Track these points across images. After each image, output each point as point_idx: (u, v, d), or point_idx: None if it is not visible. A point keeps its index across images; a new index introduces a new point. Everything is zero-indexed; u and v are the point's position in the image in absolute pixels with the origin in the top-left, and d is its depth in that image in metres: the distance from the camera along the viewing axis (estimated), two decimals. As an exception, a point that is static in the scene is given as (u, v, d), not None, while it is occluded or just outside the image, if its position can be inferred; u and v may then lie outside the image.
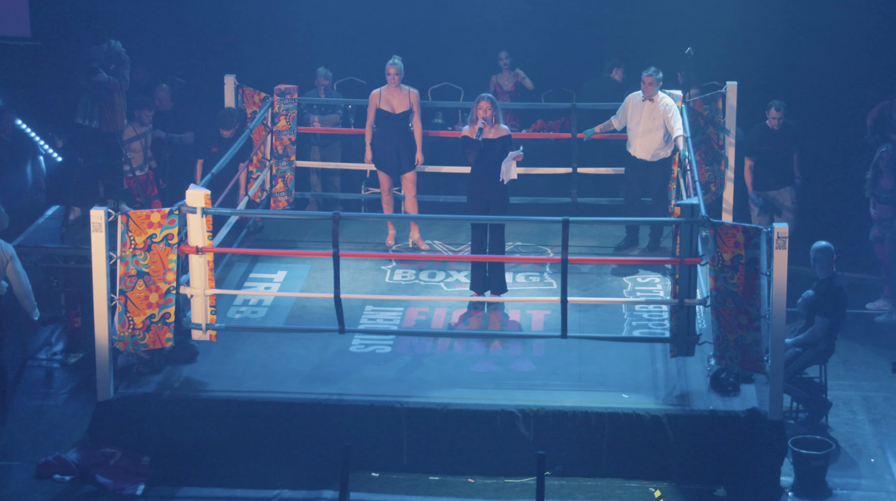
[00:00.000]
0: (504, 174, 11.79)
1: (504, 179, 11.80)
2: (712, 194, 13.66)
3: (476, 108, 11.83)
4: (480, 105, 11.81)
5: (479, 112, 11.81)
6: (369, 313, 11.98)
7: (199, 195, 10.62)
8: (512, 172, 11.82)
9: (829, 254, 11.11)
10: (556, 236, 10.91)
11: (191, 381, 10.88)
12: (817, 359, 11.10)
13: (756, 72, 15.39)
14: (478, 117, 11.81)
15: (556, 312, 10.81)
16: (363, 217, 13.75)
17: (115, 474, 10.40)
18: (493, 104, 11.83)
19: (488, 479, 10.49)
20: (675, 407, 10.53)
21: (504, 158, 11.74)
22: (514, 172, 11.84)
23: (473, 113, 11.85)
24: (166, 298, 10.55)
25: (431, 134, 14.16)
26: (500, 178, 11.77)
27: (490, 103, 11.81)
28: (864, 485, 10.46)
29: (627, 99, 13.10)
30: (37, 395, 11.83)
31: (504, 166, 11.76)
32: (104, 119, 12.62)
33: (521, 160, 11.85)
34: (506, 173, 11.80)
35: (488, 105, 11.79)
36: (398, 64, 13.02)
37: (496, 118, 11.85)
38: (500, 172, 11.77)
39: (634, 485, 10.28)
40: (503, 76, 15.65)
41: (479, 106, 11.81)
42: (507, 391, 10.75)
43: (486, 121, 11.78)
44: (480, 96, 11.90)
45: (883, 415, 11.43)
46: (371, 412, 10.53)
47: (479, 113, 11.81)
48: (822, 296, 11.04)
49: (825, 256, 11.11)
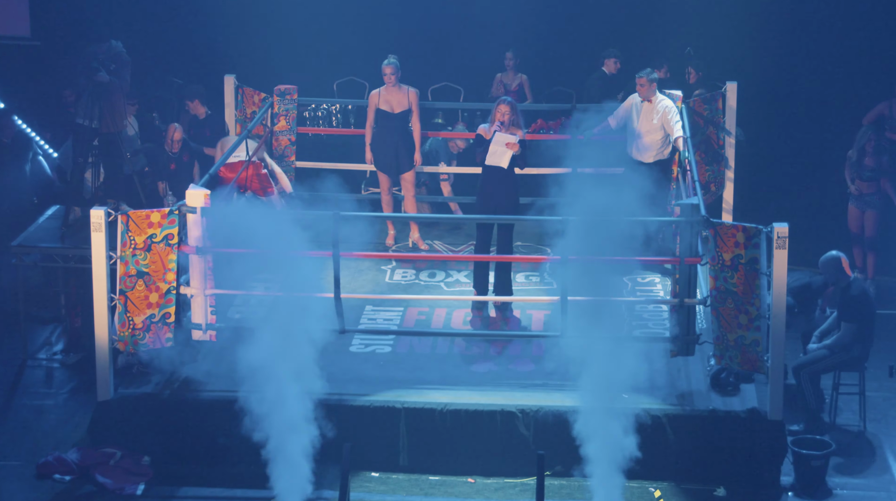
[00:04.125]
0: (490, 157, 11.77)
1: (489, 161, 11.77)
2: (712, 194, 13.66)
3: (495, 110, 11.89)
4: (500, 108, 11.86)
5: (497, 115, 11.84)
6: (369, 313, 11.98)
7: (200, 195, 10.62)
8: (501, 158, 11.78)
9: (834, 263, 11.12)
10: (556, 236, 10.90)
11: (191, 381, 10.88)
12: (849, 365, 11.11)
13: (756, 72, 15.39)
14: (496, 119, 11.83)
15: (556, 312, 10.81)
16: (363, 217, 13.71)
17: (115, 474, 10.40)
18: (513, 108, 11.88)
19: (488, 479, 10.49)
20: (675, 407, 10.53)
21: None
22: (504, 160, 11.80)
23: (493, 114, 11.91)
24: (166, 298, 10.55)
25: (431, 134, 14.17)
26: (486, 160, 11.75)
27: (510, 107, 11.86)
28: (864, 485, 10.46)
29: (627, 100, 13.10)
30: (37, 395, 11.83)
31: (492, 148, 11.76)
32: (104, 119, 12.62)
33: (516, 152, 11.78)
34: (491, 156, 11.77)
35: (507, 109, 11.85)
36: (394, 63, 13.01)
37: (514, 122, 11.87)
38: (487, 153, 11.77)
39: (634, 485, 10.28)
40: (508, 76, 15.65)
41: (499, 109, 11.87)
42: (507, 391, 10.75)
43: (503, 124, 11.79)
44: (501, 99, 12.01)
45: (883, 415, 11.43)
46: (371, 412, 10.54)
47: (497, 115, 11.85)
48: (844, 302, 11.05)
49: (827, 267, 11.14)
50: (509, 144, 11.74)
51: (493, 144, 11.78)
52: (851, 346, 11.03)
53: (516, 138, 11.78)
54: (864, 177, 13.67)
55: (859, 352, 11.07)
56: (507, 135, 11.77)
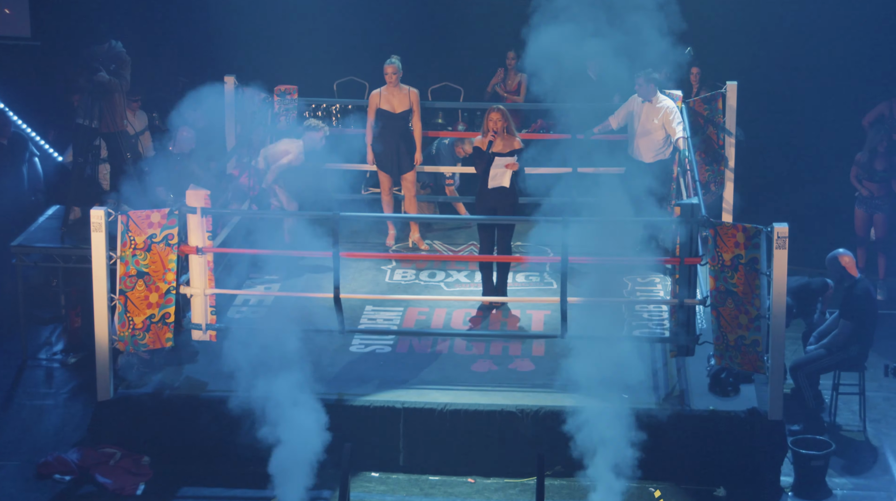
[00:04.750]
0: (492, 180, 11.70)
1: (491, 184, 11.71)
2: (712, 194, 13.66)
3: (487, 120, 11.68)
4: (491, 117, 11.63)
5: (489, 124, 11.66)
6: (369, 313, 11.98)
7: (200, 195, 10.63)
8: (503, 179, 11.74)
9: (840, 262, 11.13)
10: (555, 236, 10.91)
11: (191, 381, 10.88)
12: (847, 365, 11.10)
13: (756, 72, 15.39)
14: (489, 129, 11.71)
15: (556, 312, 10.81)
16: (363, 217, 13.73)
17: (115, 474, 10.41)
18: (504, 116, 11.64)
19: (488, 479, 10.50)
20: (675, 407, 10.53)
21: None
22: (506, 179, 11.75)
23: (484, 124, 11.73)
24: (166, 298, 10.55)
25: (431, 134, 14.16)
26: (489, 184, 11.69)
27: (501, 115, 11.62)
28: (864, 485, 10.46)
29: (629, 100, 13.10)
30: (37, 395, 11.83)
31: (493, 172, 11.68)
32: (104, 119, 12.62)
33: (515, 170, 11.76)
34: (493, 179, 11.70)
35: (499, 117, 11.62)
36: (396, 63, 13.01)
37: (507, 129, 11.72)
38: (489, 177, 11.70)
39: (634, 485, 10.28)
40: (508, 75, 15.64)
41: (490, 118, 11.63)
42: (507, 391, 10.76)
43: (497, 133, 11.66)
44: (491, 107, 11.77)
45: (883, 415, 11.43)
46: (371, 412, 10.54)
47: (489, 125, 11.66)
48: (847, 300, 11.05)
49: (833, 265, 11.16)
50: (509, 165, 11.67)
51: (493, 168, 11.68)
52: (849, 345, 11.02)
53: (514, 158, 11.70)
54: (876, 178, 13.72)
55: (857, 352, 11.06)
56: (505, 158, 11.66)
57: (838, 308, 11.20)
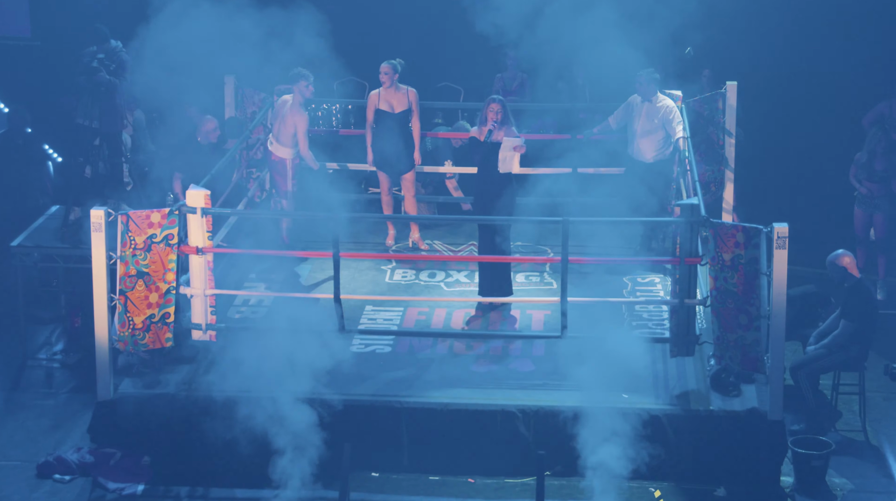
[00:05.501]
0: (502, 164, 11.65)
1: (501, 168, 11.66)
2: (712, 194, 13.66)
3: (486, 109, 11.68)
4: (491, 107, 11.63)
5: (489, 114, 11.67)
6: (369, 313, 11.98)
7: (200, 195, 10.63)
8: (512, 164, 11.67)
9: (841, 262, 11.12)
10: (555, 236, 10.91)
11: (191, 381, 10.88)
12: (847, 365, 11.11)
13: (756, 72, 15.38)
14: (488, 119, 11.71)
15: (556, 312, 10.81)
16: (363, 217, 13.73)
17: (115, 474, 10.41)
18: (503, 107, 11.66)
19: (488, 479, 10.50)
20: (675, 407, 10.53)
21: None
22: (515, 165, 11.69)
23: (483, 114, 11.73)
24: (166, 298, 10.55)
25: (430, 134, 14.16)
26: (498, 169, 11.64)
27: (500, 105, 11.62)
28: (864, 485, 10.46)
29: (628, 100, 13.09)
30: (37, 395, 11.83)
31: (502, 155, 11.62)
32: (104, 119, 12.62)
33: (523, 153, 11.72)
34: (503, 163, 11.64)
35: (498, 107, 11.62)
36: (392, 64, 12.98)
37: (506, 121, 11.73)
38: (498, 161, 11.64)
39: (634, 485, 10.28)
40: (509, 74, 15.64)
41: (490, 108, 11.63)
42: (507, 391, 10.76)
43: (497, 123, 11.67)
44: (490, 98, 11.77)
45: (883, 415, 11.43)
46: (371, 412, 10.54)
47: (489, 115, 11.67)
48: (847, 300, 11.05)
49: (833, 265, 11.15)
50: (517, 147, 11.64)
51: (502, 151, 11.64)
52: (849, 345, 11.03)
53: (521, 140, 11.69)
54: (876, 178, 13.72)
55: (857, 352, 11.06)
56: (512, 139, 11.66)
57: (838, 308, 11.20)
